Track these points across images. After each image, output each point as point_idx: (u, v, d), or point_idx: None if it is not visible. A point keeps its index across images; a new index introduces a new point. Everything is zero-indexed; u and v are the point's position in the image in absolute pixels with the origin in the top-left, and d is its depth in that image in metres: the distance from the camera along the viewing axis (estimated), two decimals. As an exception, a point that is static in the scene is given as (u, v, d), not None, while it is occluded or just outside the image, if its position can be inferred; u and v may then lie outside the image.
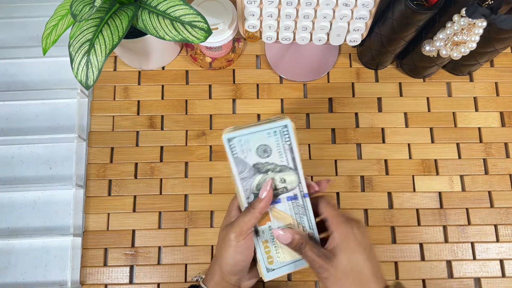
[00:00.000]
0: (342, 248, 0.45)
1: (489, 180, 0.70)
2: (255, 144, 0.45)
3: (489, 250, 0.67)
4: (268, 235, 0.49)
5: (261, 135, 0.45)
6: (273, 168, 0.47)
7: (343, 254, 0.44)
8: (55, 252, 0.68)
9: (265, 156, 0.46)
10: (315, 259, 0.45)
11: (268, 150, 0.46)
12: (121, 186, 0.69)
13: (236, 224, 0.46)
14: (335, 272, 0.44)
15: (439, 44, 0.57)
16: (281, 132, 0.45)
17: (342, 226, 0.45)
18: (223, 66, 0.74)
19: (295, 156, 0.46)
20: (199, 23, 0.55)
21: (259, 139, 0.45)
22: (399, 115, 0.73)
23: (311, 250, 0.46)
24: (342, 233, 0.45)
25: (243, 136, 0.45)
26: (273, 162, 0.47)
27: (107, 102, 0.73)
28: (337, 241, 0.45)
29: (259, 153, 0.46)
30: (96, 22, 0.56)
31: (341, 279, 0.44)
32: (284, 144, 0.46)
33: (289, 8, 0.58)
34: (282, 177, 0.47)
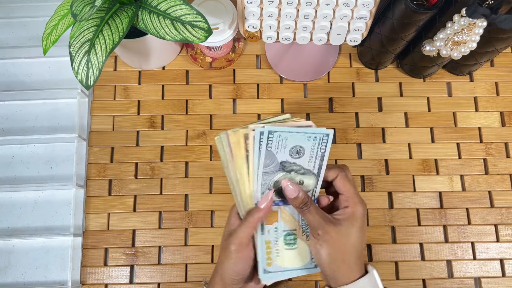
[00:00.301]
0: (350, 223, 0.46)
1: (489, 180, 0.70)
2: (292, 143, 0.46)
3: (489, 250, 0.67)
4: (273, 236, 0.49)
5: (301, 136, 0.45)
6: (298, 169, 0.48)
7: (348, 227, 0.46)
8: (55, 252, 0.68)
9: (295, 157, 0.47)
10: (319, 219, 0.46)
11: (301, 152, 0.47)
12: (121, 186, 0.69)
13: (235, 235, 0.47)
14: (336, 237, 0.46)
15: (439, 44, 0.57)
16: (321, 139, 0.46)
17: (357, 205, 0.47)
18: (224, 66, 0.74)
19: (323, 164, 0.47)
20: (199, 23, 0.55)
21: (298, 139, 0.46)
22: (399, 115, 0.73)
23: (316, 210, 0.47)
24: (355, 211, 0.47)
25: (284, 133, 0.45)
26: (300, 165, 0.47)
27: (108, 102, 0.73)
28: (348, 216, 0.47)
29: (291, 153, 0.47)
30: (96, 22, 0.56)
31: (338, 246, 0.46)
32: (318, 151, 0.46)
33: (289, 8, 0.58)
34: (302, 179, 0.48)
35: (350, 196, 0.48)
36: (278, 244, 0.49)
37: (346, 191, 0.48)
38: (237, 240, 0.47)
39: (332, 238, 0.45)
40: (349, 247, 0.46)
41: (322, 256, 0.46)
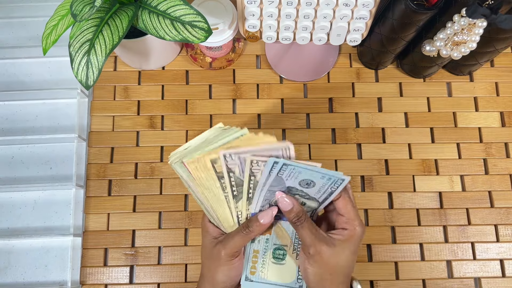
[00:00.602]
0: (345, 245, 0.45)
1: (489, 180, 0.70)
2: (304, 177, 0.45)
3: (489, 250, 0.67)
4: (263, 246, 0.48)
5: (316, 174, 0.44)
6: (303, 195, 0.47)
7: (343, 249, 0.45)
8: (55, 252, 0.68)
9: (304, 187, 0.46)
10: (313, 237, 0.45)
11: (311, 185, 0.46)
12: (121, 186, 0.69)
13: (229, 243, 0.46)
14: (328, 257, 0.44)
15: (439, 44, 0.57)
16: (335, 181, 0.44)
17: (356, 229, 0.46)
18: (223, 66, 0.74)
19: (330, 198, 0.46)
20: (199, 23, 0.55)
21: (311, 176, 0.45)
22: (399, 115, 0.73)
23: (310, 227, 0.45)
24: (353, 235, 0.45)
25: (299, 168, 0.44)
26: (307, 193, 0.47)
27: (107, 102, 0.73)
28: (345, 238, 0.45)
29: (301, 184, 0.46)
30: (96, 22, 0.56)
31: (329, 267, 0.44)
32: (328, 189, 0.45)
33: (289, 8, 0.58)
34: (304, 201, 0.47)
35: (351, 218, 0.46)
36: (266, 256, 0.48)
37: (347, 213, 0.47)
38: (230, 250, 0.46)
39: (323, 258, 0.44)
40: (339, 269, 0.45)
41: (310, 275, 0.45)
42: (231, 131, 0.46)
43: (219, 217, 0.48)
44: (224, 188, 0.46)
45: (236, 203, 0.47)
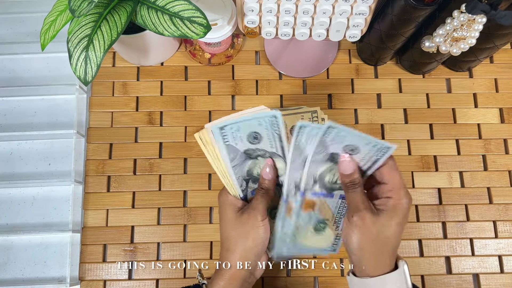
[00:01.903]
0: (389, 216, 0.44)
1: (488, 176, 0.70)
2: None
3: (487, 246, 0.68)
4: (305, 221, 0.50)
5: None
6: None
7: (387, 220, 0.44)
8: (54, 248, 0.68)
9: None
10: (361, 205, 0.45)
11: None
12: (120, 182, 0.69)
13: (258, 207, 0.49)
14: (370, 226, 0.44)
15: (438, 40, 0.57)
16: (380, 149, 0.45)
17: (402, 198, 0.45)
18: (222, 62, 0.74)
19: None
20: (198, 18, 0.55)
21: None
22: (399, 111, 0.73)
23: (361, 194, 0.45)
24: (398, 205, 0.44)
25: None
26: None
27: (106, 98, 0.73)
28: (389, 208, 0.45)
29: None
30: (94, 18, 0.55)
31: (370, 236, 0.44)
32: (373, 156, 0.45)
33: (288, 3, 0.58)
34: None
35: (396, 187, 0.45)
36: (308, 228, 0.50)
37: (392, 181, 0.46)
38: (261, 210, 0.49)
39: (366, 226, 0.44)
40: (382, 240, 0.44)
41: (352, 242, 0.45)
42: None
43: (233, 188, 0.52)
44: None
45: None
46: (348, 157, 0.46)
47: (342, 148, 0.46)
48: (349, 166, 0.46)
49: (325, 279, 0.66)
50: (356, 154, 0.46)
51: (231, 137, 0.47)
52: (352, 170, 0.46)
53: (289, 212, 0.50)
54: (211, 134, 0.47)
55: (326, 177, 0.49)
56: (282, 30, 0.63)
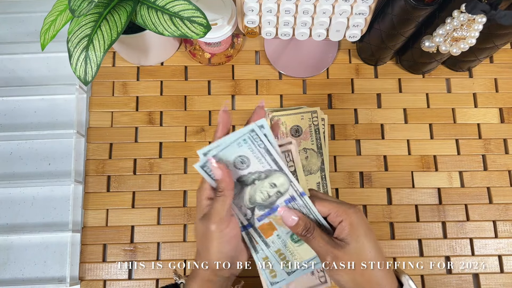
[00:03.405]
0: (354, 235, 0.42)
1: (488, 176, 0.70)
2: (230, 158, 0.43)
3: (487, 246, 0.68)
4: (280, 243, 0.48)
5: (232, 148, 0.43)
6: (258, 176, 0.45)
7: (355, 242, 0.42)
8: (54, 248, 0.68)
9: (244, 167, 0.44)
10: (327, 247, 0.42)
11: (246, 160, 0.44)
12: (120, 182, 0.69)
13: (212, 213, 0.43)
14: (348, 259, 0.42)
15: (438, 40, 0.57)
16: (251, 138, 0.42)
17: (348, 213, 0.43)
18: (222, 62, 0.74)
19: (275, 157, 0.44)
20: (198, 18, 0.55)
21: (231, 152, 0.43)
22: (398, 111, 0.73)
23: (321, 237, 0.43)
24: (351, 220, 0.43)
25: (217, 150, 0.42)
26: (256, 171, 0.44)
27: (106, 98, 0.73)
28: (348, 230, 0.43)
29: (238, 166, 0.44)
30: (94, 18, 0.55)
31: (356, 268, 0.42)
32: (259, 149, 0.43)
33: (288, 3, 0.58)
34: (271, 182, 0.45)
35: (335, 209, 0.44)
36: (288, 246, 0.48)
37: (329, 209, 0.44)
38: (216, 217, 0.42)
39: (345, 263, 0.41)
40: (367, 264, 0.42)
41: (344, 283, 0.42)
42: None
43: None
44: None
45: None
46: (284, 208, 0.44)
47: (235, 168, 0.44)
48: (292, 219, 0.44)
49: (325, 279, 0.66)
50: (250, 162, 0.43)
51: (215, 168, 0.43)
52: (296, 219, 0.44)
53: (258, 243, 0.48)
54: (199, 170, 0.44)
55: (256, 197, 0.46)
56: (282, 30, 0.63)
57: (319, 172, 0.65)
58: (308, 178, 0.65)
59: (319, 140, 0.66)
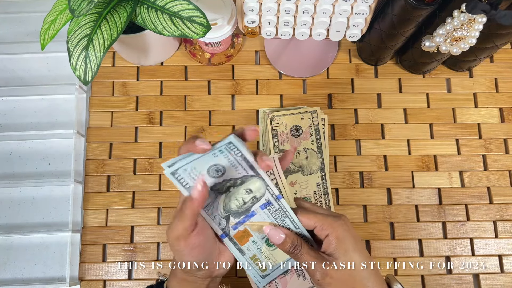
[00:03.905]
0: (341, 250, 0.41)
1: (488, 176, 0.70)
2: (204, 167, 0.42)
3: (488, 246, 0.67)
4: (255, 249, 0.47)
5: (207, 157, 0.42)
6: (233, 183, 0.44)
7: (343, 256, 0.41)
8: (54, 248, 0.68)
9: (219, 176, 0.43)
10: (315, 264, 0.41)
11: (221, 168, 0.43)
12: (120, 182, 0.69)
13: (171, 229, 0.41)
14: (339, 275, 0.41)
15: (438, 40, 0.57)
16: (227, 149, 0.42)
17: (334, 225, 0.42)
18: (222, 62, 0.74)
19: (252, 162, 0.43)
20: (198, 18, 0.55)
21: (206, 161, 0.42)
22: (399, 111, 0.73)
23: (309, 254, 0.42)
24: (337, 235, 0.42)
25: (187, 165, 0.42)
26: (231, 177, 0.43)
27: (106, 97, 0.73)
28: (335, 244, 0.41)
29: (212, 175, 0.43)
30: (94, 17, 0.55)
31: (347, 283, 0.41)
32: (236, 157, 0.42)
33: (288, 3, 0.58)
34: (246, 188, 0.44)
35: (320, 222, 0.42)
36: (263, 251, 0.47)
37: (314, 222, 0.42)
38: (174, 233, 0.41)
39: (335, 278, 0.40)
40: (358, 278, 0.41)
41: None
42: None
43: None
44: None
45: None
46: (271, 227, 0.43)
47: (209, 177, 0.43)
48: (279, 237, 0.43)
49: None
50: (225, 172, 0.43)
51: (189, 178, 0.42)
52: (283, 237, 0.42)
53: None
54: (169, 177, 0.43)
55: (231, 205, 0.45)
56: (282, 30, 0.63)
57: (319, 172, 0.65)
58: (308, 178, 0.65)
59: (319, 140, 0.66)
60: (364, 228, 0.68)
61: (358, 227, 0.68)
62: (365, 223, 0.68)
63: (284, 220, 0.45)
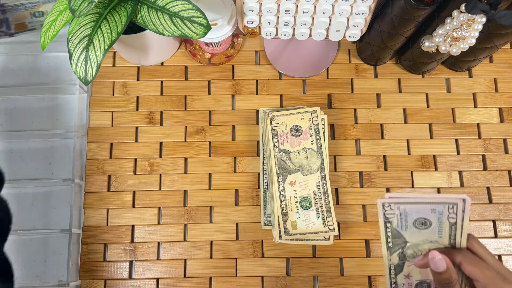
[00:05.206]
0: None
1: (488, 176, 0.70)
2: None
3: (487, 245, 0.68)
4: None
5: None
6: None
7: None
8: (54, 248, 0.68)
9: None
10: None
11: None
12: (120, 181, 0.69)
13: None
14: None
15: (438, 40, 0.57)
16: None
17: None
18: (222, 62, 0.74)
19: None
20: (198, 18, 0.55)
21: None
22: (398, 111, 0.73)
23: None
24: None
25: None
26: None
27: (106, 97, 0.73)
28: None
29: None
30: (95, 18, 0.56)
31: None
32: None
33: (288, 3, 0.58)
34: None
35: (486, 280, 0.39)
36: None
37: (478, 277, 0.39)
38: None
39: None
40: None
41: None
42: None
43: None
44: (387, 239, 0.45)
45: (390, 255, 0.45)
46: (437, 253, 0.41)
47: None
48: (441, 264, 0.40)
49: (324, 279, 0.66)
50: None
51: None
52: (444, 266, 0.40)
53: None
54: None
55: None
56: (282, 30, 0.63)
57: (319, 172, 0.65)
58: (308, 177, 0.65)
59: (319, 140, 0.66)
60: (364, 228, 0.68)
61: (358, 227, 0.68)
62: (364, 222, 0.68)
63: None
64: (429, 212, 0.42)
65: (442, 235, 0.43)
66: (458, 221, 0.42)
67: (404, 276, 0.46)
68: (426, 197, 0.42)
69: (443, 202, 0.41)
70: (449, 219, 0.42)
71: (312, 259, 0.67)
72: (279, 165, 0.64)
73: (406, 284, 0.46)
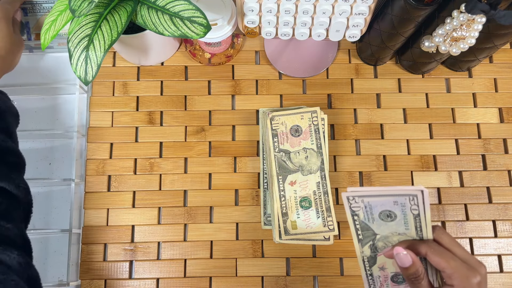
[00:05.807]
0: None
1: (488, 175, 0.70)
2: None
3: (487, 245, 0.68)
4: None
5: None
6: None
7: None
8: (54, 248, 0.68)
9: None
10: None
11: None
12: (120, 181, 0.69)
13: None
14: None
15: (438, 40, 0.57)
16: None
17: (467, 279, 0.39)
18: (222, 62, 0.74)
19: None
20: (198, 18, 0.55)
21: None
22: (398, 111, 0.73)
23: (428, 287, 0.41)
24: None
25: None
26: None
27: (106, 97, 0.73)
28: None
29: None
30: (95, 18, 0.56)
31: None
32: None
33: (288, 3, 0.58)
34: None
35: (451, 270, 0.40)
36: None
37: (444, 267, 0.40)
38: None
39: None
40: None
41: None
42: None
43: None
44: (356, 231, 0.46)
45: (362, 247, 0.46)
46: (401, 249, 0.42)
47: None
48: (406, 259, 0.41)
49: (324, 279, 0.66)
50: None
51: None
52: (410, 261, 0.41)
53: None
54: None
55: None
56: (282, 30, 0.63)
57: (318, 172, 0.65)
58: (308, 177, 0.65)
59: (319, 139, 0.66)
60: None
61: (357, 227, 0.68)
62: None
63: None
64: (392, 204, 0.43)
65: (409, 227, 0.44)
66: (421, 212, 0.42)
67: (378, 268, 0.47)
68: (387, 190, 0.42)
69: (404, 194, 0.41)
70: (412, 211, 0.42)
71: (312, 259, 0.67)
72: (279, 165, 0.65)
73: (382, 276, 0.47)
